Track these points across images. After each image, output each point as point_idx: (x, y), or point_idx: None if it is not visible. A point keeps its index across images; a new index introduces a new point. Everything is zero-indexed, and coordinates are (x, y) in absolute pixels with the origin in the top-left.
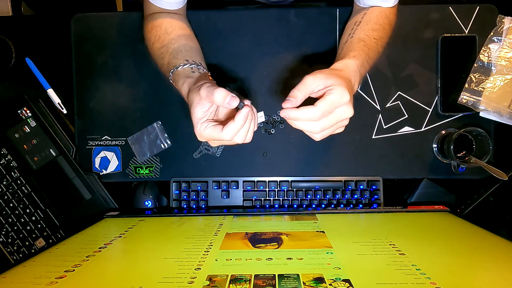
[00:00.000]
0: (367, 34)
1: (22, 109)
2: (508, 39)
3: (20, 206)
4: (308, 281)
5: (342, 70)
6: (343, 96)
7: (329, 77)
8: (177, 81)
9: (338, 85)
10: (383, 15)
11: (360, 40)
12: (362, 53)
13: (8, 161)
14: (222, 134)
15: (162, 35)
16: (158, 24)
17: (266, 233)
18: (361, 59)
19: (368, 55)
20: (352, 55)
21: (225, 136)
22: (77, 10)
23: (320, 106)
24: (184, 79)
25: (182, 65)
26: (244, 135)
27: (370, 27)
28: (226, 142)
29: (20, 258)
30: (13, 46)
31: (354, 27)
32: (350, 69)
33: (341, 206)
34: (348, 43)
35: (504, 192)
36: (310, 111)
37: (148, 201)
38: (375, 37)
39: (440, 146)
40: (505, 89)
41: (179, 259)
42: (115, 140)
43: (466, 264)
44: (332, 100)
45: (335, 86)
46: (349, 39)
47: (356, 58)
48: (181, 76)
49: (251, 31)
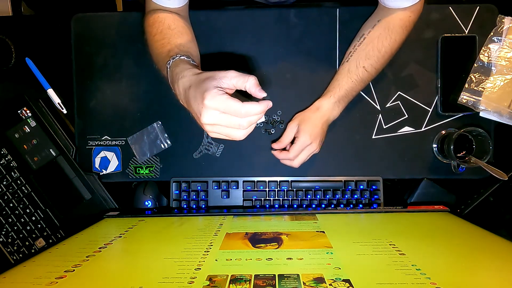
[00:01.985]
0: (357, 64)
1: (22, 109)
2: (508, 39)
3: (20, 206)
4: (308, 281)
5: (318, 109)
6: (305, 141)
7: (296, 125)
8: (176, 67)
9: (304, 134)
10: (386, 33)
11: (348, 73)
12: (342, 92)
13: (8, 161)
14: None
15: (165, 30)
16: (161, 19)
17: (266, 233)
18: (337, 97)
19: (352, 88)
20: (329, 95)
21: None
22: (77, 10)
23: (293, 150)
24: (188, 65)
25: (185, 56)
26: (249, 124)
27: (365, 53)
28: (233, 121)
29: (20, 258)
30: (13, 46)
31: (356, 45)
32: (324, 108)
33: (341, 206)
34: (340, 69)
35: (504, 192)
36: (287, 155)
37: (148, 201)
38: (366, 66)
39: (440, 146)
40: (505, 89)
41: (179, 259)
42: (115, 140)
43: (466, 264)
44: (300, 145)
45: (301, 134)
46: (345, 62)
47: (333, 97)
48: (184, 63)
49: (251, 31)
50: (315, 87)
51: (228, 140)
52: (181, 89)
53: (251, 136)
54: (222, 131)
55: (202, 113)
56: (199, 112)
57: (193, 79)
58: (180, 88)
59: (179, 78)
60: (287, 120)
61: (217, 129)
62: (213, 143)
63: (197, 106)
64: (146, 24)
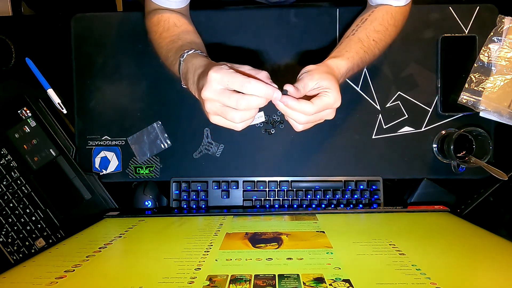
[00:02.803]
0: (367, 34)
1: (22, 109)
2: (508, 39)
3: (20, 206)
4: (308, 281)
5: (333, 70)
6: (336, 102)
7: (324, 78)
8: (194, 58)
9: (333, 90)
10: (389, 15)
11: (359, 41)
12: (356, 56)
13: (8, 161)
14: (245, 80)
15: (172, 27)
16: (166, 18)
17: (266, 233)
18: (352, 63)
19: (362, 58)
20: (346, 56)
21: (247, 83)
22: (77, 10)
23: (316, 104)
24: (205, 58)
25: (199, 51)
26: (249, 115)
27: (372, 27)
28: (232, 100)
29: (20, 258)
30: (13, 46)
31: (359, 24)
32: (340, 71)
33: (341, 206)
34: (347, 39)
35: (504, 192)
36: (307, 106)
37: (148, 201)
38: (375, 39)
39: (440, 146)
40: (505, 89)
41: (179, 259)
42: (115, 140)
43: (466, 264)
44: (326, 103)
45: (331, 91)
46: (350, 35)
47: (349, 60)
48: (201, 56)
49: (251, 31)
50: None
51: (228, 139)
52: (196, 78)
53: (251, 136)
54: (221, 111)
55: (205, 86)
56: (203, 86)
57: (209, 65)
58: (195, 77)
59: (196, 69)
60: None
61: (215, 108)
62: (213, 143)
63: (203, 81)
64: (150, 24)
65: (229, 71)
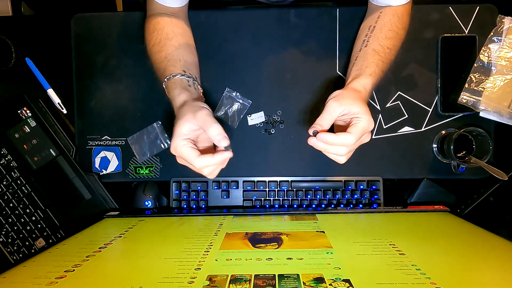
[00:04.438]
0: (381, 43)
1: (22, 109)
2: (508, 39)
3: (20, 206)
4: (308, 281)
5: (361, 92)
6: (370, 124)
7: (353, 103)
8: (171, 89)
9: (365, 114)
10: (396, 18)
11: (375, 53)
12: (378, 70)
13: (8, 161)
14: (196, 160)
15: (163, 40)
16: (160, 27)
17: (266, 233)
18: (375, 78)
19: (382, 70)
20: (368, 73)
21: (197, 163)
22: (77, 10)
23: (354, 133)
24: (180, 90)
25: (179, 75)
26: (212, 171)
27: (384, 34)
28: (193, 167)
29: (20, 258)
30: (13, 46)
31: (368, 34)
32: (367, 90)
33: (341, 206)
34: (362, 53)
35: (504, 192)
36: (346, 138)
37: (148, 201)
38: (389, 46)
39: (440, 146)
40: (505, 89)
41: (179, 259)
42: (115, 140)
43: (466, 264)
44: (362, 128)
45: (363, 115)
46: (363, 48)
47: (372, 76)
48: (178, 86)
49: (251, 31)
50: (315, 87)
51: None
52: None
53: (251, 136)
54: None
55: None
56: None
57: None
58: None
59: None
60: (287, 120)
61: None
62: None
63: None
64: (146, 31)
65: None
